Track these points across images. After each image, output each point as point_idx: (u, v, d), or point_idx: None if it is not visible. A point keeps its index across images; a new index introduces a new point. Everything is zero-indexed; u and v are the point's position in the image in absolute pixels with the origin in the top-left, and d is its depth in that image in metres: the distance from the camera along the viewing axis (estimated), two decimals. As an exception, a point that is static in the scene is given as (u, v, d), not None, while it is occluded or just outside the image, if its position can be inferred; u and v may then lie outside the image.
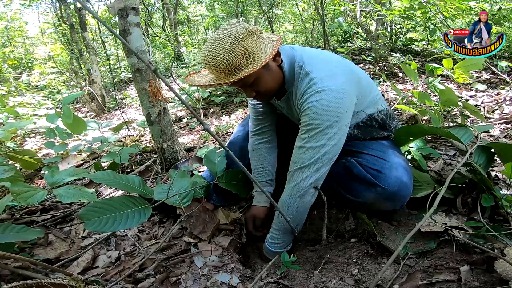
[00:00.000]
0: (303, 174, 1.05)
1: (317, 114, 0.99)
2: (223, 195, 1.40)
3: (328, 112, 0.99)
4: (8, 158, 1.94)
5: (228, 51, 0.91)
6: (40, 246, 1.20)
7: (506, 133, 1.81)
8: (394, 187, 1.08)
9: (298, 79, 1.07)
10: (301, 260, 1.23)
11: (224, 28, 0.95)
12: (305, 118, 1.03)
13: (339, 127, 1.01)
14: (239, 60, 0.92)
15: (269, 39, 0.98)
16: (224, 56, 0.91)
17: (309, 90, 1.01)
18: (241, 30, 0.93)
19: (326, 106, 0.98)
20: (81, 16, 4.83)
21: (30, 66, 7.29)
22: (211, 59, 0.93)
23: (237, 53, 0.91)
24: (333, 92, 0.99)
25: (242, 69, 0.93)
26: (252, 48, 0.93)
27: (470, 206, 1.18)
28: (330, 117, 0.99)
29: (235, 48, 0.91)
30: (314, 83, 1.01)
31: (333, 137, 1.01)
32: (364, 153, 1.17)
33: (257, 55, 0.93)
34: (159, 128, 1.73)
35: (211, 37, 0.97)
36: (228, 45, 0.91)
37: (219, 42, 0.92)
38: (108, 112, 4.82)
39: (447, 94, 1.67)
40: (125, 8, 1.53)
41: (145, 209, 1.04)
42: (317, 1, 4.82)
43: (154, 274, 1.05)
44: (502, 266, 0.85)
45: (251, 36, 0.95)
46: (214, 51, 0.92)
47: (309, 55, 1.10)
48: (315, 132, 1.01)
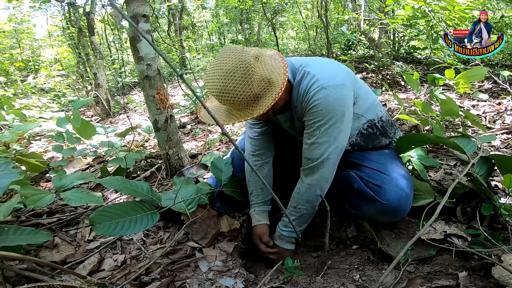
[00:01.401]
0: (320, 169, 1.09)
1: (325, 110, 1.01)
2: (227, 202, 1.42)
3: (335, 107, 1.01)
4: (15, 160, 1.97)
5: (244, 83, 0.88)
6: (46, 249, 1.22)
7: (506, 143, 1.83)
8: (394, 202, 1.09)
9: (298, 82, 1.08)
10: (303, 266, 1.25)
11: (227, 58, 0.91)
12: (312, 116, 1.04)
13: (346, 120, 1.05)
14: (257, 89, 0.90)
15: (271, 58, 0.99)
16: (242, 89, 0.88)
17: (314, 87, 1.02)
18: (249, 58, 0.90)
19: (333, 101, 1.00)
20: (89, 20, 4.89)
21: (37, 69, 7.37)
22: (227, 95, 0.89)
23: (254, 82, 0.89)
24: (337, 87, 1.01)
25: (261, 97, 0.92)
26: (264, 73, 0.92)
27: (469, 215, 1.20)
28: (338, 112, 1.02)
29: (250, 78, 0.88)
30: (317, 79, 1.02)
31: (342, 130, 1.05)
32: (364, 166, 1.18)
33: (272, 79, 0.92)
34: (165, 135, 1.76)
35: (215, 69, 0.92)
36: (241, 77, 0.88)
37: (231, 76, 0.88)
38: (113, 117, 4.87)
39: (449, 104, 1.69)
40: (135, 15, 1.57)
41: (153, 214, 1.07)
42: (321, 9, 4.88)
43: (159, 278, 1.07)
44: (499, 272, 0.88)
45: (258, 61, 0.94)
46: (227, 86, 0.89)
47: (304, 60, 1.12)
48: (325, 128, 1.03)
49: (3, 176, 0.96)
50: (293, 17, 9.13)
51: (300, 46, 8.76)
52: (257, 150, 1.34)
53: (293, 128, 1.26)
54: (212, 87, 0.92)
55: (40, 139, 3.46)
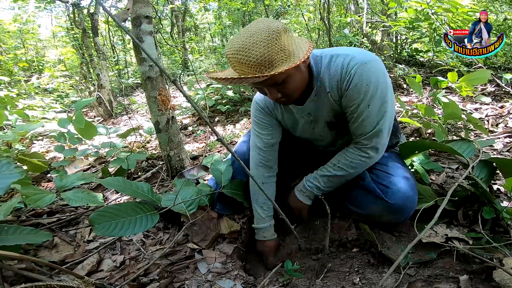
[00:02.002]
0: (373, 138, 1.08)
1: (371, 83, 0.99)
2: (227, 203, 1.42)
3: (379, 79, 1.00)
4: (18, 160, 1.98)
5: (264, 45, 0.85)
6: (45, 249, 1.22)
7: (509, 146, 1.82)
8: (400, 201, 1.10)
9: (326, 67, 1.05)
10: (303, 269, 1.24)
11: (257, 23, 0.90)
12: (358, 91, 1.01)
13: (390, 89, 1.04)
14: (275, 55, 0.87)
15: (301, 40, 0.97)
16: (260, 50, 0.85)
17: (352, 64, 0.99)
18: (279, 26, 0.89)
19: (376, 75, 0.99)
20: (94, 21, 4.93)
21: (40, 69, 7.42)
22: (243, 53, 0.86)
23: (274, 47, 0.86)
24: (375, 62, 1.00)
25: (276, 65, 0.88)
26: (287, 45, 0.90)
27: (471, 218, 1.20)
28: (382, 83, 1.00)
29: (272, 42, 0.86)
30: (353, 56, 1.00)
31: (389, 99, 1.04)
32: (372, 168, 1.18)
33: (293, 53, 0.90)
34: (166, 136, 1.76)
35: (241, 32, 0.91)
36: (264, 38, 0.86)
37: (254, 36, 0.87)
38: (115, 118, 4.89)
39: (451, 108, 1.69)
40: (138, 16, 1.57)
41: (153, 215, 1.07)
42: (323, 12, 4.88)
43: (158, 279, 1.06)
44: (501, 275, 0.87)
45: (286, 34, 0.92)
46: (248, 44, 0.86)
47: (325, 49, 1.10)
48: (374, 100, 1.01)
49: (5, 176, 0.97)
50: (296, 20, 9.15)
51: (302, 49, 8.73)
52: (267, 162, 1.30)
53: (318, 121, 1.20)
54: (231, 46, 0.89)
55: (42, 139, 3.48)
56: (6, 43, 7.62)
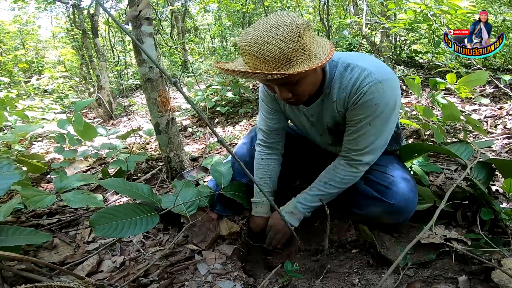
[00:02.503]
0: (364, 156, 1.08)
1: (380, 104, 0.97)
2: (227, 205, 1.42)
3: (390, 101, 0.98)
4: (17, 161, 1.98)
5: (285, 40, 0.79)
6: (45, 250, 1.22)
7: (508, 148, 1.82)
8: (401, 202, 1.10)
9: (343, 73, 1.01)
10: (303, 269, 1.24)
11: (279, 15, 0.84)
12: (365, 110, 0.99)
13: (396, 112, 1.03)
14: (295, 53, 0.81)
15: (322, 40, 0.93)
16: (280, 44, 0.79)
17: (368, 81, 0.95)
18: (303, 22, 0.83)
19: (389, 95, 0.97)
20: (94, 22, 4.94)
21: (40, 70, 7.43)
22: (261, 45, 0.80)
23: (295, 44, 0.80)
24: (391, 81, 0.97)
25: (293, 64, 0.82)
26: (309, 44, 0.84)
27: (469, 219, 1.20)
28: (391, 105, 0.99)
29: (294, 38, 0.80)
30: (371, 72, 0.96)
31: (391, 121, 1.03)
32: (371, 169, 1.18)
33: (313, 53, 0.85)
34: (166, 138, 1.77)
35: (260, 22, 0.84)
36: (287, 33, 0.79)
37: (275, 29, 0.80)
38: (115, 119, 4.89)
39: (450, 109, 1.70)
40: (138, 18, 1.58)
41: (153, 216, 1.07)
42: (323, 13, 4.90)
43: (158, 280, 1.07)
44: (499, 276, 0.88)
45: (310, 31, 0.85)
46: (267, 37, 0.79)
47: (347, 54, 1.06)
48: (376, 121, 1.00)
49: (5, 177, 0.97)
50: (295, 21, 9.16)
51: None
52: (269, 143, 1.31)
53: (319, 125, 1.20)
54: (247, 36, 0.82)
55: (42, 140, 3.48)
56: (6, 44, 7.63)
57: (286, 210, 1.22)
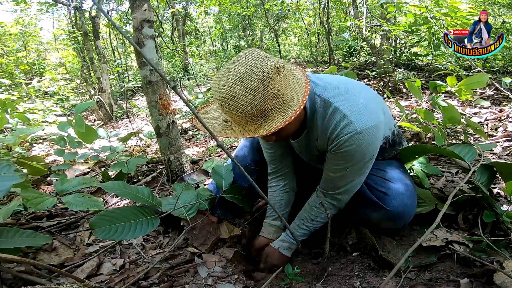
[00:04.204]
0: (342, 195, 1.12)
1: (357, 155, 0.97)
2: (227, 208, 1.42)
3: (368, 151, 0.99)
4: (18, 163, 1.98)
5: (254, 94, 0.75)
6: (45, 252, 1.22)
7: (508, 150, 1.82)
8: (399, 208, 1.09)
9: (324, 114, 0.98)
10: (304, 273, 1.24)
11: (246, 60, 0.79)
12: (342, 159, 1.00)
13: (374, 156, 1.05)
14: (267, 104, 0.78)
15: (295, 77, 0.87)
16: (250, 100, 0.75)
17: (347, 131, 0.93)
18: (270, 66, 0.78)
19: (366, 147, 0.96)
20: (95, 25, 4.96)
21: (41, 72, 7.45)
22: (231, 102, 0.77)
23: (266, 96, 0.77)
24: (372, 130, 0.94)
25: (269, 115, 0.79)
26: (282, 90, 0.80)
27: (471, 222, 1.20)
28: (368, 156, 1.00)
29: (264, 89, 0.76)
30: (350, 122, 0.92)
31: (368, 166, 1.06)
32: (371, 174, 1.17)
33: (287, 100, 0.80)
34: (167, 140, 1.77)
35: (229, 69, 0.80)
36: (254, 85, 0.75)
37: (243, 81, 0.76)
38: (115, 121, 4.89)
39: (451, 112, 1.69)
40: (140, 20, 1.58)
41: (153, 219, 1.07)
42: (323, 16, 4.91)
43: (158, 283, 1.06)
44: (501, 278, 0.88)
45: (280, 73, 0.81)
46: (235, 91, 0.76)
47: (329, 85, 1.01)
48: (353, 168, 1.02)
49: (5, 179, 0.97)
50: (296, 24, 9.21)
51: (302, 53, 8.81)
52: (275, 172, 1.32)
53: (308, 155, 1.21)
54: (217, 89, 0.80)
55: (42, 142, 3.49)
56: (7, 45, 7.66)
57: (282, 247, 1.24)
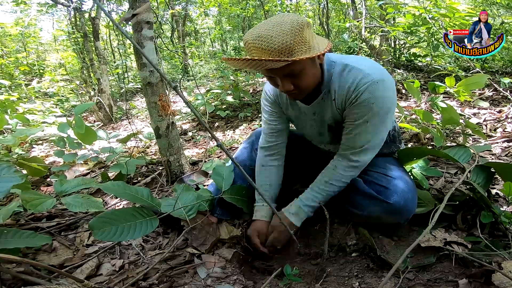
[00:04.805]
0: (362, 154, 1.12)
1: (376, 104, 1.01)
2: (227, 209, 1.42)
3: (386, 100, 1.02)
4: (17, 164, 1.98)
5: (288, 34, 0.88)
6: (44, 252, 1.21)
7: (507, 151, 1.82)
8: (400, 202, 1.10)
9: (341, 74, 1.07)
10: (302, 273, 1.24)
11: (282, 16, 0.93)
12: (362, 109, 1.04)
13: (392, 112, 1.07)
14: (296, 45, 0.90)
15: (320, 38, 1.01)
16: (283, 38, 0.88)
17: (364, 81, 1.01)
18: (303, 20, 0.92)
19: (384, 95, 1.01)
20: (95, 25, 4.96)
21: (41, 73, 7.45)
22: (265, 39, 0.89)
23: (296, 38, 0.89)
24: (386, 82, 1.02)
25: (294, 55, 0.91)
26: (309, 39, 0.93)
27: (469, 223, 1.20)
28: (387, 105, 1.04)
29: (295, 33, 0.89)
30: (367, 74, 1.01)
31: (387, 122, 1.07)
32: (370, 170, 1.19)
33: (312, 47, 0.93)
34: (166, 142, 1.77)
35: (264, 22, 0.94)
36: (289, 29, 0.89)
37: (278, 26, 0.89)
38: (115, 122, 4.89)
39: (449, 113, 1.70)
40: (139, 22, 1.58)
41: (152, 220, 1.07)
42: (322, 17, 4.92)
43: (157, 284, 1.06)
44: (500, 279, 0.88)
45: (309, 29, 0.95)
46: (271, 32, 0.89)
47: (341, 55, 1.12)
48: (373, 121, 1.05)
49: (5, 180, 0.97)
50: (295, 25, 9.20)
51: (302, 53, 8.76)
52: (270, 146, 1.34)
53: (319, 124, 1.23)
54: (253, 33, 0.91)
55: (42, 143, 3.49)
56: (7, 46, 7.66)
57: (290, 211, 1.24)
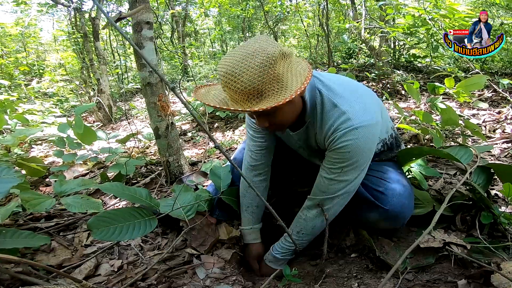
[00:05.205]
0: (334, 201, 1.08)
1: (353, 152, 0.97)
2: (226, 210, 1.42)
3: (363, 150, 0.98)
4: (16, 164, 1.98)
5: (255, 73, 0.79)
6: (43, 253, 1.21)
7: (506, 152, 1.82)
8: (396, 208, 1.10)
9: (323, 109, 1.01)
10: (302, 274, 1.24)
11: (254, 43, 0.83)
12: (337, 155, 1.00)
13: (369, 159, 1.04)
14: (266, 85, 0.80)
15: (300, 66, 0.89)
16: (250, 77, 0.79)
17: (344, 126, 0.95)
18: (275, 50, 0.82)
19: (363, 144, 0.96)
20: (95, 26, 4.96)
21: (41, 73, 7.45)
22: (232, 77, 0.80)
23: (266, 76, 0.80)
24: (368, 128, 0.96)
25: (265, 96, 0.81)
26: (282, 74, 0.83)
27: (469, 223, 1.21)
28: (365, 154, 1.00)
29: (265, 70, 0.79)
30: (348, 118, 0.95)
31: (364, 169, 1.04)
32: (368, 174, 1.17)
33: (286, 85, 0.82)
34: (166, 142, 1.77)
35: (236, 50, 0.85)
36: (257, 64, 0.79)
37: (247, 59, 0.80)
38: (115, 123, 4.89)
39: (449, 114, 1.70)
40: (139, 22, 1.58)
41: (151, 220, 1.07)
42: (322, 18, 4.93)
43: (156, 284, 1.06)
44: (498, 279, 0.88)
45: (284, 60, 0.85)
46: (239, 68, 0.80)
47: (331, 82, 1.03)
48: (348, 168, 1.01)
49: (4, 181, 0.97)
50: (295, 26, 9.22)
51: (301, 54, 8.81)
52: (257, 165, 1.29)
53: (306, 149, 1.21)
54: (222, 65, 0.84)
55: (41, 143, 3.48)
56: (7, 46, 7.65)
57: (269, 260, 1.25)
